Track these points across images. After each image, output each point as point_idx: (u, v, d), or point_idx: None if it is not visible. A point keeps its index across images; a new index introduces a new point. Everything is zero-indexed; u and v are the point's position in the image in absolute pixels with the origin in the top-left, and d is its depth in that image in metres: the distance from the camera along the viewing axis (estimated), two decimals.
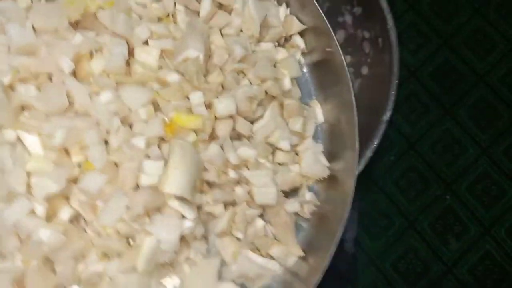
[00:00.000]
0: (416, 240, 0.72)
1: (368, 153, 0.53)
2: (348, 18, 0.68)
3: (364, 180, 0.73)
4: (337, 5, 0.69)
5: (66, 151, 0.46)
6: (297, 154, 0.53)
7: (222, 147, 0.48)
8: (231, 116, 0.49)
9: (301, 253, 0.51)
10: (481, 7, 0.80)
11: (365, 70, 0.66)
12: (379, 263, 0.71)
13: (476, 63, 0.78)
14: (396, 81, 0.53)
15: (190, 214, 0.44)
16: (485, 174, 0.74)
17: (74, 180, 0.46)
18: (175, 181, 0.43)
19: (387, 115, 0.53)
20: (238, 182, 0.49)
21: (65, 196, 0.46)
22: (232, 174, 0.48)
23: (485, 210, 0.72)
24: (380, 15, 0.58)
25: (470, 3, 0.81)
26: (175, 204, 0.44)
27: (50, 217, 0.45)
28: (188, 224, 0.45)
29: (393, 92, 0.53)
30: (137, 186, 0.45)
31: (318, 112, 0.55)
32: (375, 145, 0.52)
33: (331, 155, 0.53)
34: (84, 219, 0.46)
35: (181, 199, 0.44)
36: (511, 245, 0.71)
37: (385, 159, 0.75)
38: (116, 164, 0.46)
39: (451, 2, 0.81)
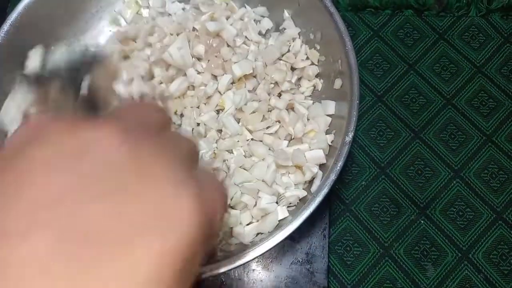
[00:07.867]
0: (392, 268, 0.69)
1: (332, 176, 0.51)
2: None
3: (335, 206, 0.71)
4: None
5: None
6: None
7: None
8: None
9: None
10: (445, 33, 0.82)
11: None
12: None
13: (443, 86, 0.79)
14: (357, 101, 0.52)
15: None
16: (459, 196, 0.73)
17: None
18: None
19: (349, 136, 0.51)
20: None
21: None
22: None
23: (461, 233, 0.71)
24: (338, 38, 0.58)
25: (434, 29, 0.82)
26: None
27: None
28: None
29: (354, 113, 0.52)
30: None
31: None
32: (338, 168, 0.51)
33: None
34: None
35: None
36: (490, 269, 0.69)
37: (356, 184, 0.73)
38: None
39: (414, 29, 0.82)
